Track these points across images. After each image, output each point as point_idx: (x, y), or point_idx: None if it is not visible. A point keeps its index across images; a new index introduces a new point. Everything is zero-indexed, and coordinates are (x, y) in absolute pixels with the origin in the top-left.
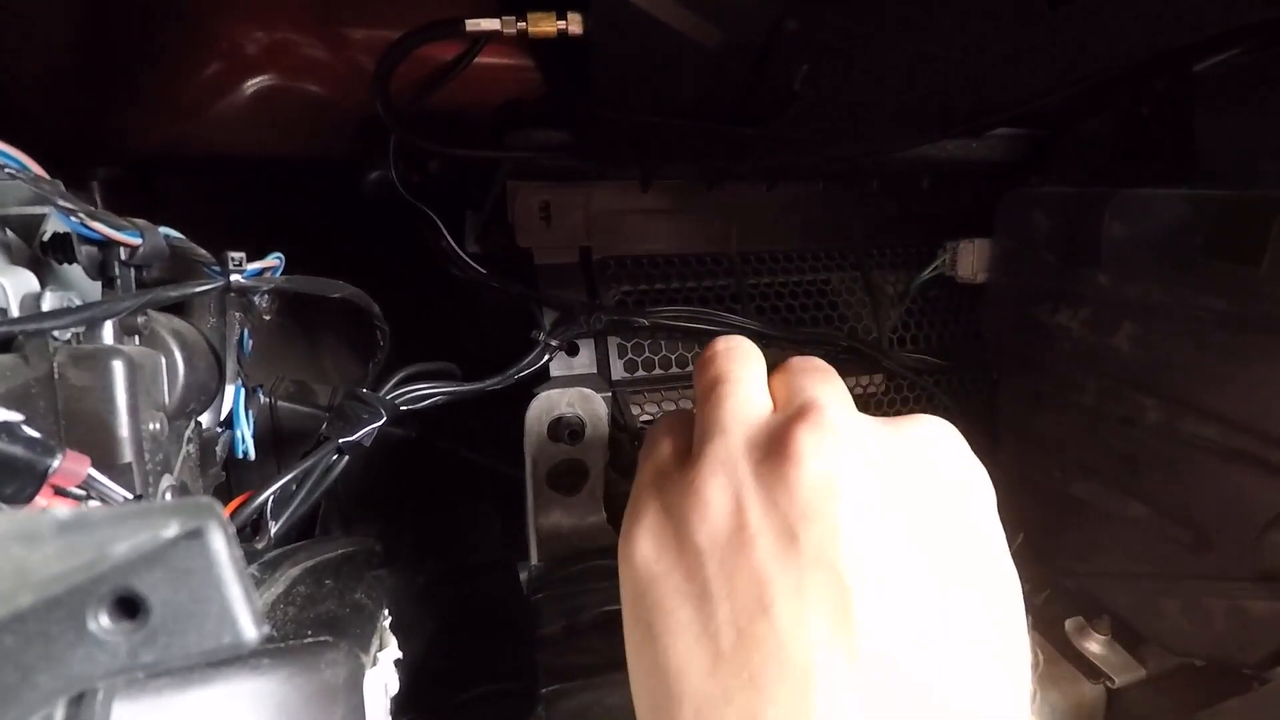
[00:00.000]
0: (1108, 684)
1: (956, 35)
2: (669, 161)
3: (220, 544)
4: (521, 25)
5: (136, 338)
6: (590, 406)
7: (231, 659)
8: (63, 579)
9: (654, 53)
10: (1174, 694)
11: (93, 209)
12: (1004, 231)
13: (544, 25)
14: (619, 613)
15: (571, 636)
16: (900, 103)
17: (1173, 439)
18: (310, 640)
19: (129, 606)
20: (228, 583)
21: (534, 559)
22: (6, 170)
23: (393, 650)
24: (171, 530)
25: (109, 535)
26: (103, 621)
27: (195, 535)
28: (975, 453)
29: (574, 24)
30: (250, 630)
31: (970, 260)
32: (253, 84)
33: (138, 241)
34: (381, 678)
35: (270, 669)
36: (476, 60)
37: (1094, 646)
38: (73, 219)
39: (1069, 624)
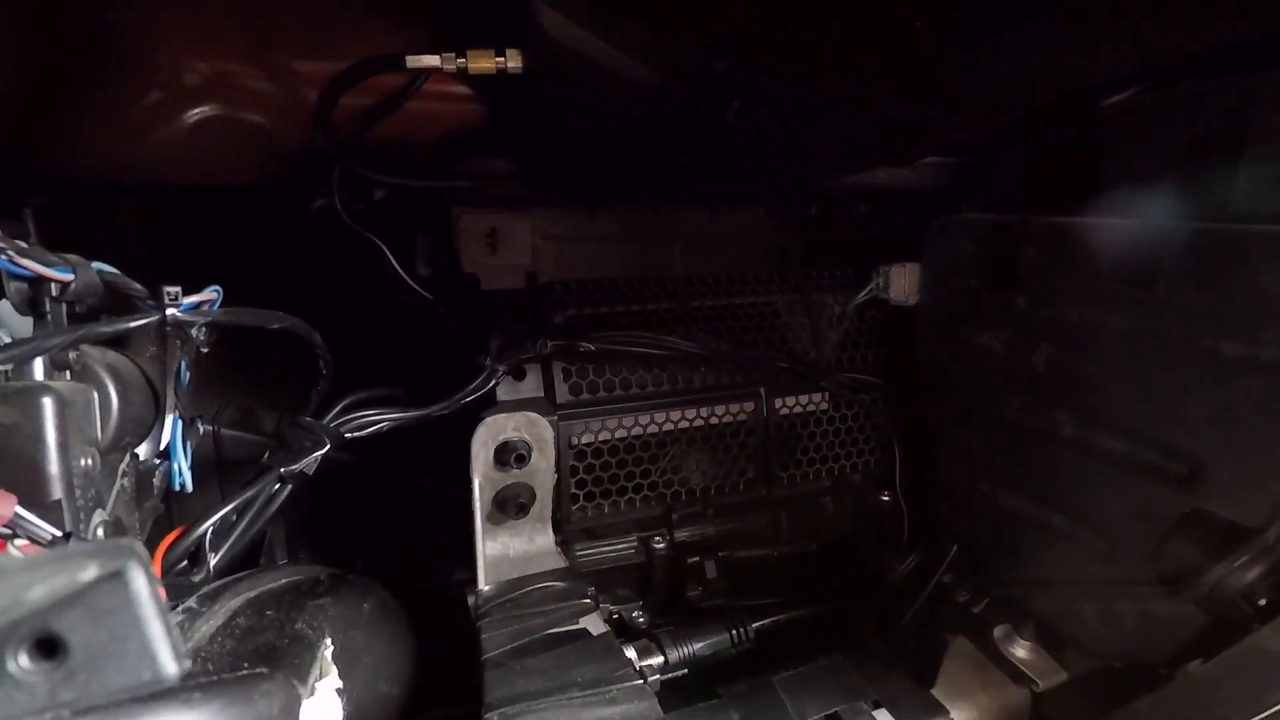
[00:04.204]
0: (1033, 688)
1: (876, 76)
2: (613, 189)
3: (140, 584)
4: (461, 62)
5: (68, 373)
6: (536, 431)
7: (163, 694)
8: None
9: (591, 89)
10: (1094, 695)
11: (23, 246)
12: (931, 256)
13: (483, 62)
14: (566, 634)
15: (521, 655)
16: (830, 134)
17: (1086, 453)
18: (245, 673)
19: (48, 647)
20: (147, 620)
21: (482, 584)
22: None
23: (333, 680)
24: (90, 573)
25: (25, 581)
26: (22, 662)
27: (115, 576)
28: (910, 468)
29: (513, 60)
30: (171, 666)
31: (902, 283)
32: (194, 114)
33: (69, 278)
34: (320, 707)
35: (202, 702)
36: (421, 92)
37: (1020, 652)
38: (1, 256)
39: (998, 631)
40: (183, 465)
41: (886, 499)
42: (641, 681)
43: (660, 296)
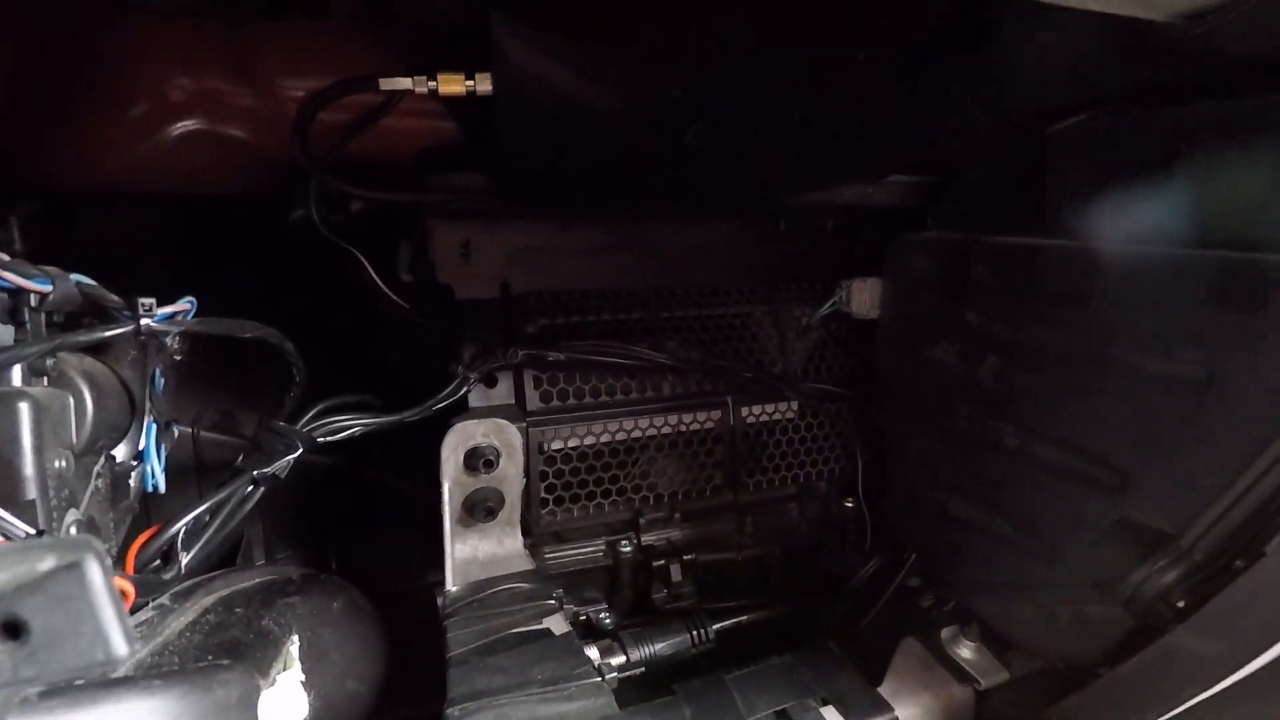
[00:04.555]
0: (976, 686)
1: (825, 104)
2: (584, 204)
3: (94, 574)
4: (432, 84)
5: (45, 379)
6: (505, 436)
7: (125, 681)
8: None
9: (555, 113)
10: (1034, 694)
11: (5, 259)
12: (891, 272)
13: (453, 85)
14: (530, 633)
15: (484, 655)
16: (786, 156)
17: (1027, 461)
18: (205, 664)
19: (11, 629)
20: (101, 607)
21: (449, 584)
22: None
23: (295, 673)
24: (48, 563)
25: (11, 563)
26: None
27: (72, 567)
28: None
29: (482, 83)
30: (121, 647)
31: (864, 298)
32: (178, 127)
33: (48, 289)
34: (282, 696)
35: (162, 690)
36: (396, 109)
37: (965, 652)
38: None
39: (944, 632)
40: (155, 467)
41: (850, 505)
42: (600, 679)
43: (631, 307)
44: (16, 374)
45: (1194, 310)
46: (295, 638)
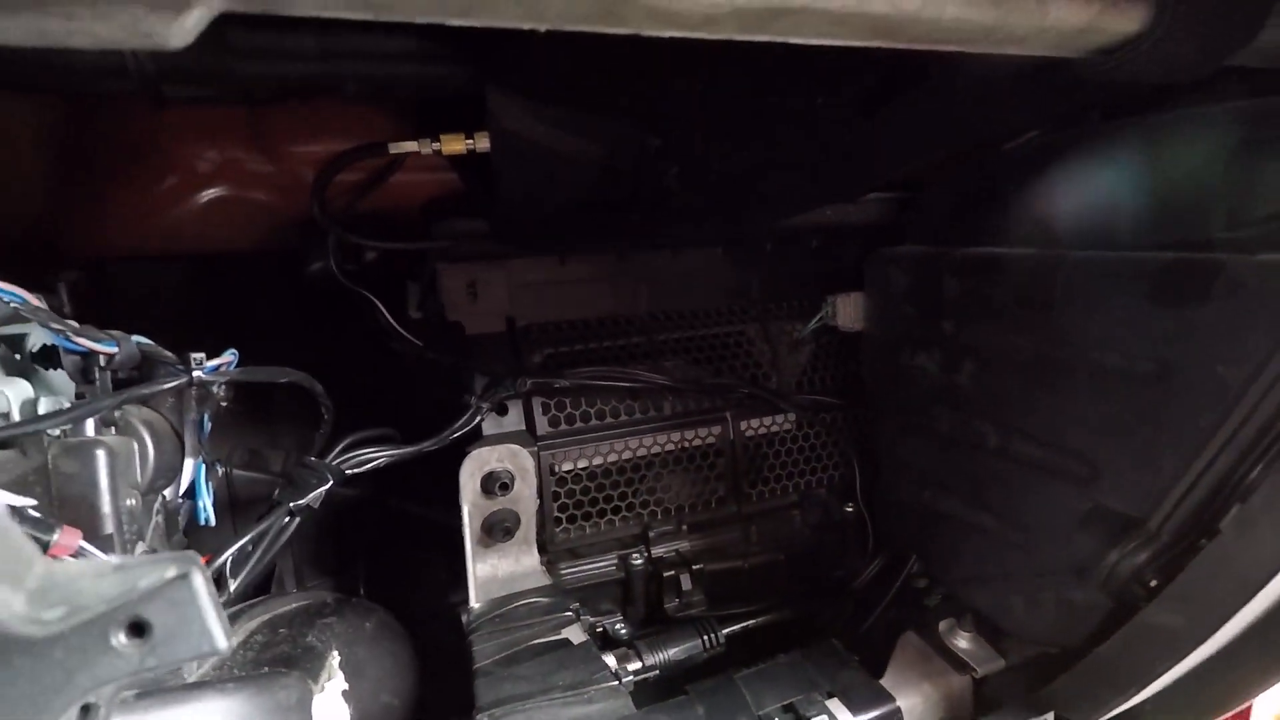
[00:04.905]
0: (973, 674)
1: (793, 142)
2: (579, 241)
3: (200, 582)
4: (436, 145)
5: (113, 429)
6: (519, 461)
7: (205, 685)
8: (94, 608)
9: (546, 164)
10: (1028, 678)
11: (76, 326)
12: (871, 286)
13: (455, 145)
14: (550, 644)
15: (508, 666)
16: (762, 188)
17: (1007, 458)
18: (268, 671)
19: (137, 629)
20: (206, 610)
21: (472, 601)
22: (11, 305)
23: (339, 683)
24: (171, 573)
25: (125, 578)
26: (121, 639)
27: (185, 577)
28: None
29: (480, 141)
30: (223, 641)
31: (848, 311)
32: (206, 194)
33: (114, 350)
34: (329, 703)
35: (235, 691)
36: (404, 166)
37: (962, 642)
38: (60, 336)
39: (942, 625)
40: (206, 503)
41: (850, 510)
42: (617, 683)
43: (630, 332)
44: (90, 425)
45: (1141, 308)
46: (335, 652)
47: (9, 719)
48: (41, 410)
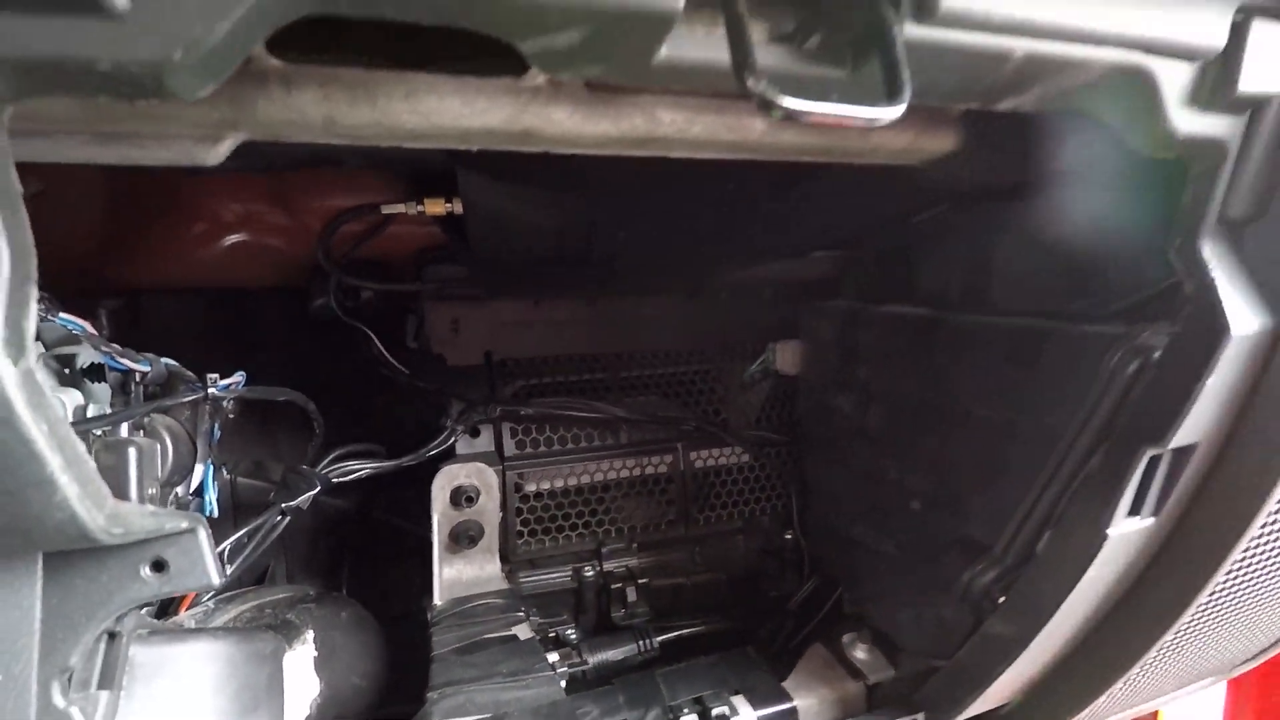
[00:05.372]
0: (866, 681)
1: (719, 214)
2: (548, 288)
3: (204, 535)
4: (420, 207)
5: (142, 432)
6: (484, 478)
7: (199, 630)
8: (139, 535)
9: (509, 229)
10: (910, 684)
11: (119, 349)
12: (805, 335)
13: (436, 207)
14: (500, 638)
15: (462, 654)
16: (702, 250)
17: (903, 491)
18: (252, 629)
19: (159, 565)
20: (206, 555)
21: (436, 599)
22: (72, 331)
23: (310, 650)
24: (185, 524)
25: (155, 523)
26: (146, 572)
27: (194, 530)
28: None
29: (456, 205)
30: (216, 579)
31: (787, 357)
32: (229, 240)
33: (148, 369)
34: (299, 662)
35: (222, 637)
36: (397, 220)
37: (860, 654)
38: (107, 356)
39: (845, 638)
40: (211, 499)
41: (789, 537)
42: (552, 673)
43: (595, 369)
44: (125, 429)
45: (999, 367)
46: (311, 632)
47: (76, 611)
48: (89, 414)
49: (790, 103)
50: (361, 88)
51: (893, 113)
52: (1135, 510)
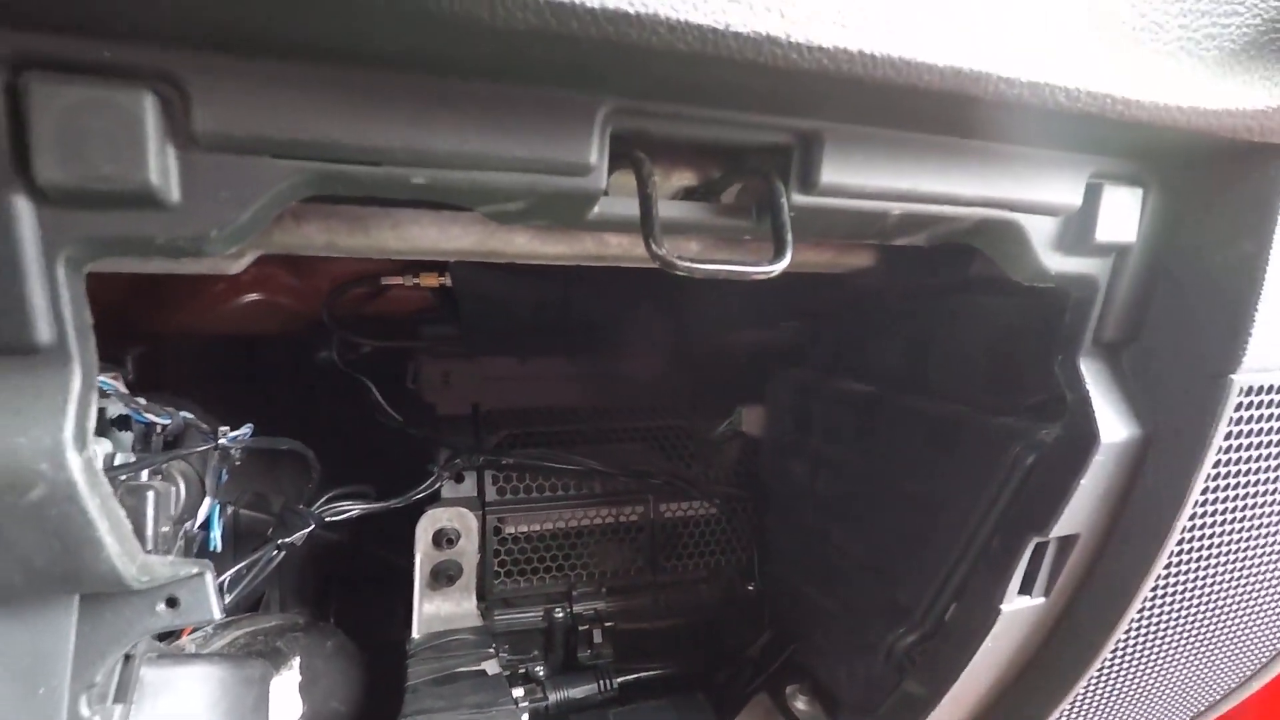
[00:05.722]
0: None
1: (685, 289)
2: (532, 348)
3: (210, 579)
4: (415, 280)
5: (159, 476)
6: (465, 522)
7: (199, 655)
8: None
9: (493, 301)
10: None
11: (144, 403)
12: (769, 401)
13: (429, 280)
14: (470, 672)
15: (434, 685)
16: (672, 318)
17: (845, 554)
18: (243, 656)
19: (172, 602)
20: (211, 596)
21: (415, 633)
22: (105, 391)
23: (295, 675)
24: (195, 570)
25: (170, 571)
26: (161, 608)
27: (201, 575)
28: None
29: (447, 279)
30: (219, 614)
31: (753, 419)
32: (246, 298)
33: (168, 422)
34: (284, 686)
35: (218, 662)
36: (395, 288)
37: (800, 704)
38: (135, 410)
39: (789, 689)
40: (216, 535)
41: (750, 588)
42: (514, 708)
43: (576, 421)
44: (145, 474)
45: (925, 447)
46: (297, 659)
47: (104, 638)
48: (117, 462)
49: (685, 267)
50: (357, 220)
51: (774, 270)
52: (1026, 590)
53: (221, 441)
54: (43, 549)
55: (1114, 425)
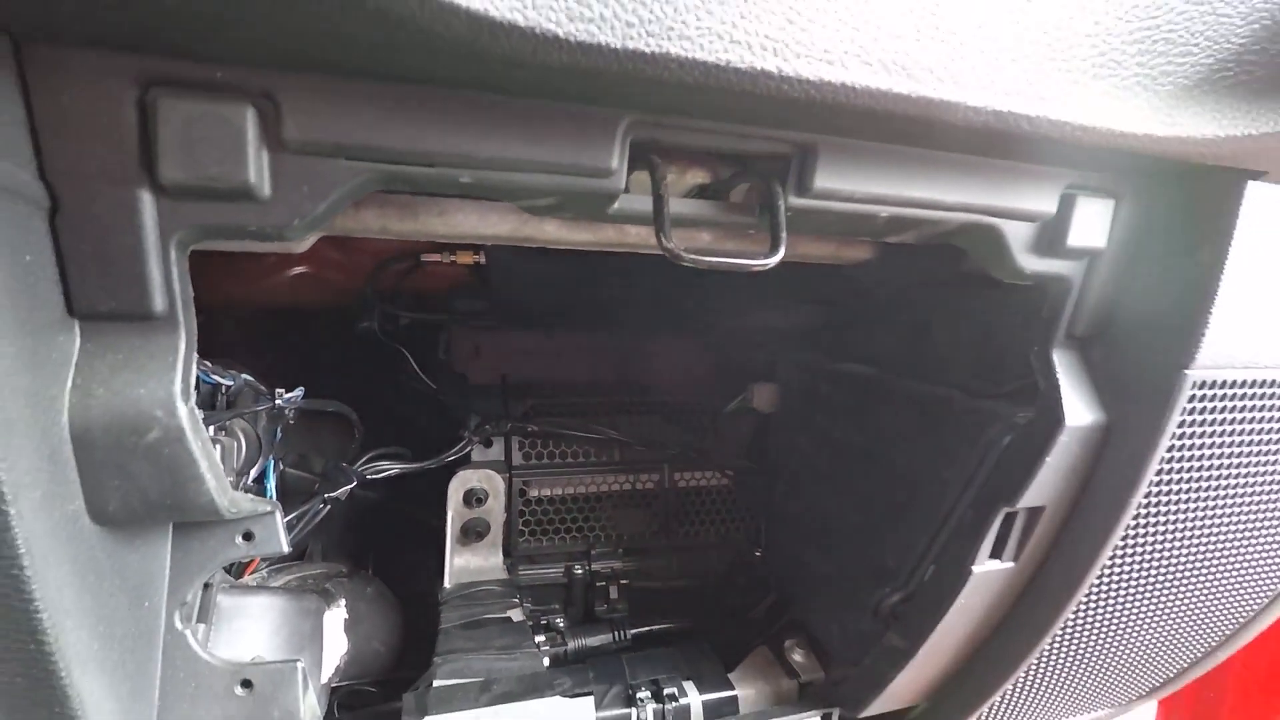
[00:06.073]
0: (799, 680)
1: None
2: (557, 323)
3: (280, 516)
4: (453, 258)
5: (224, 432)
6: (493, 483)
7: (266, 588)
8: (243, 513)
9: (522, 279)
10: (831, 685)
11: (211, 365)
12: (780, 380)
13: (465, 258)
14: (497, 618)
15: (464, 629)
16: (693, 298)
17: (840, 523)
18: (301, 591)
19: (248, 535)
20: (280, 530)
21: (447, 584)
22: None
23: (342, 612)
24: (268, 508)
25: (251, 506)
26: (239, 540)
27: (272, 512)
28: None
29: (481, 257)
30: (287, 547)
31: (763, 397)
32: (294, 270)
33: (231, 384)
34: (334, 621)
35: (280, 593)
36: (432, 264)
37: (797, 657)
38: (203, 372)
39: (787, 642)
40: (271, 487)
41: (757, 554)
42: (537, 650)
43: (598, 394)
44: (211, 430)
45: (916, 425)
46: (343, 600)
47: (193, 565)
48: None
49: (690, 259)
50: (407, 208)
51: (769, 263)
52: (997, 554)
53: (278, 402)
54: (157, 482)
55: (1079, 410)
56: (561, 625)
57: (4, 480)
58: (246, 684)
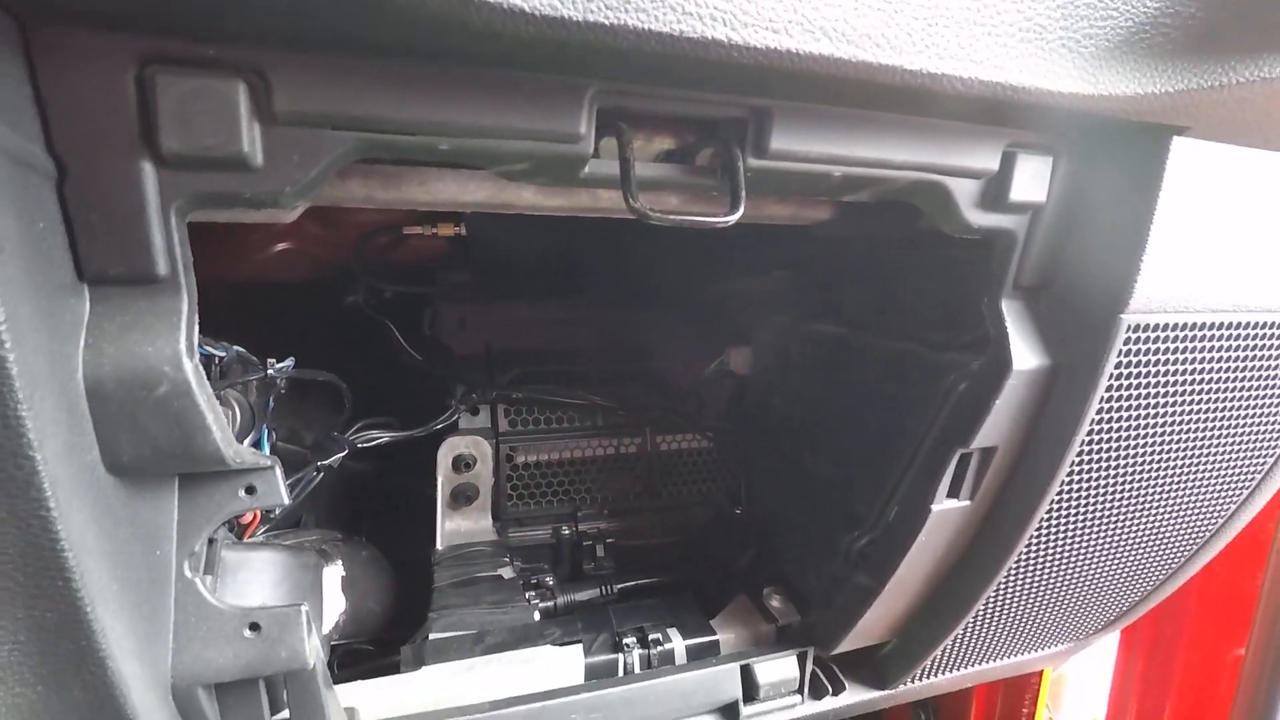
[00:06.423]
0: (776, 624)
1: (680, 240)
2: (541, 292)
3: (280, 469)
4: (434, 230)
5: (219, 402)
6: (481, 449)
7: (267, 543)
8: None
9: (502, 250)
10: (808, 627)
11: (205, 339)
12: (755, 343)
13: (447, 230)
14: (488, 576)
15: (457, 587)
16: (669, 266)
17: (814, 475)
18: (300, 548)
19: (250, 489)
20: (281, 484)
21: (439, 545)
22: None
23: (339, 569)
24: (269, 462)
25: (254, 458)
26: (242, 494)
27: (272, 467)
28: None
29: (462, 229)
30: (288, 500)
31: (740, 360)
32: (279, 246)
33: (225, 354)
34: (334, 574)
35: (281, 549)
36: (415, 237)
37: (774, 602)
38: (200, 345)
39: (765, 590)
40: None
41: (738, 511)
42: (528, 605)
43: (581, 361)
44: None
45: (882, 379)
46: (340, 560)
47: (200, 516)
48: None
49: (656, 216)
50: (390, 177)
51: (729, 220)
52: (954, 493)
53: (270, 372)
54: (167, 433)
55: (1026, 356)
56: (550, 583)
57: (30, 429)
58: (254, 627)
